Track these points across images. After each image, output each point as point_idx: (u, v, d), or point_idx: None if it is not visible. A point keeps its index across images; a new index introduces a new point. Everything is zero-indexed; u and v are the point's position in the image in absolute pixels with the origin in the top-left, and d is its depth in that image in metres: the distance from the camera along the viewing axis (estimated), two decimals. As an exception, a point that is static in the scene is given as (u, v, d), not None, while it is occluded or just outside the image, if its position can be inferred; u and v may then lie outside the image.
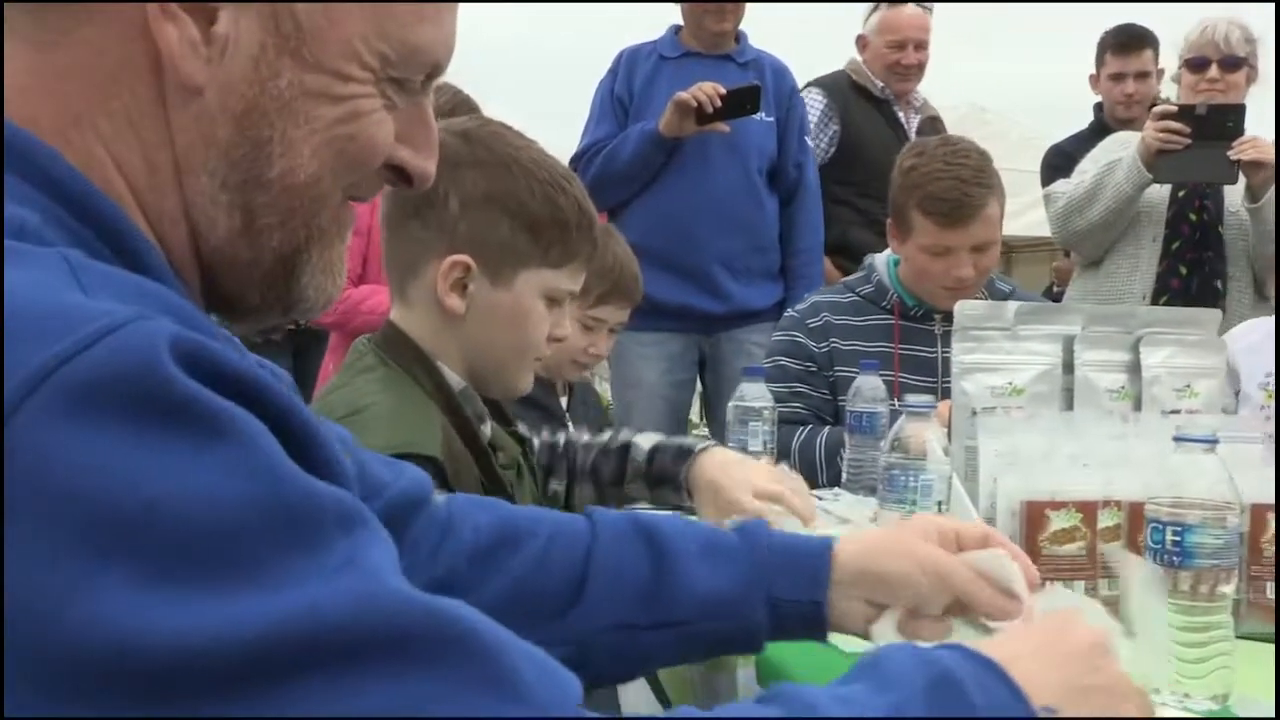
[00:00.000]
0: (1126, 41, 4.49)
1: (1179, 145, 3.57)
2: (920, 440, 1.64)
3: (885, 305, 2.81)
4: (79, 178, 0.77)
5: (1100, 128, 4.46)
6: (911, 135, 4.33)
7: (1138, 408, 1.84)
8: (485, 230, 1.62)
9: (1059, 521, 1.44)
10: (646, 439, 1.96)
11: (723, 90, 3.64)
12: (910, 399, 1.73)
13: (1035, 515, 1.45)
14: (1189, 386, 1.87)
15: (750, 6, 3.97)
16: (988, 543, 1.16)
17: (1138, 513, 1.32)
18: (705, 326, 3.89)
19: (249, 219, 0.84)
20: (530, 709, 0.67)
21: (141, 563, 0.61)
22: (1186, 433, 1.26)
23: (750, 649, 1.17)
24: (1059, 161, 4.40)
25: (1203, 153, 3.58)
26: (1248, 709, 1.18)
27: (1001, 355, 1.85)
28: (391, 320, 1.70)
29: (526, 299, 1.66)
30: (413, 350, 1.65)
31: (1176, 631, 1.19)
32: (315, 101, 0.83)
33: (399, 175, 0.92)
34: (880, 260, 2.86)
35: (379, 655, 0.64)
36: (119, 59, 0.79)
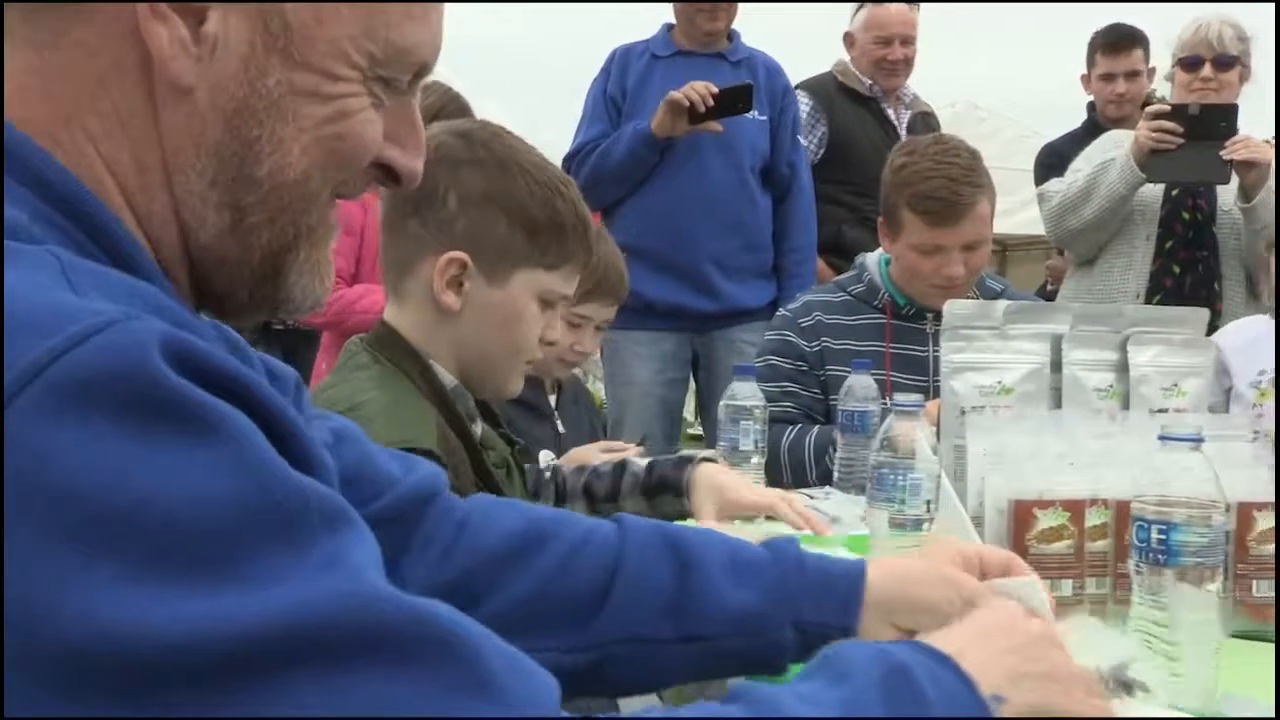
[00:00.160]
0: (1116, 41, 4.49)
1: (1172, 145, 3.57)
2: (909, 439, 1.64)
3: (877, 304, 2.81)
4: (69, 178, 0.77)
5: (1094, 127, 4.46)
6: (902, 132, 4.33)
7: (1125, 407, 1.85)
8: (483, 228, 1.63)
9: (1046, 520, 1.45)
10: (642, 459, 2.00)
11: (715, 89, 3.63)
12: (899, 398, 1.74)
13: (1023, 514, 1.45)
14: (1176, 385, 1.87)
15: (743, 6, 3.97)
16: (1010, 567, 1.18)
17: (1125, 511, 1.33)
18: (698, 325, 3.89)
19: (238, 217, 0.84)
20: (508, 709, 0.68)
21: (129, 559, 0.61)
22: (1172, 431, 1.26)
23: (774, 670, 1.13)
24: (1053, 160, 4.40)
25: (1196, 152, 3.59)
26: (1236, 708, 1.18)
27: (990, 354, 1.85)
28: (385, 319, 1.70)
29: (521, 299, 1.67)
30: (405, 348, 1.66)
31: (1163, 629, 1.20)
32: (304, 100, 0.83)
33: (387, 174, 0.92)
34: (872, 259, 2.87)
35: (359, 654, 0.64)
36: (110, 60, 0.79)
